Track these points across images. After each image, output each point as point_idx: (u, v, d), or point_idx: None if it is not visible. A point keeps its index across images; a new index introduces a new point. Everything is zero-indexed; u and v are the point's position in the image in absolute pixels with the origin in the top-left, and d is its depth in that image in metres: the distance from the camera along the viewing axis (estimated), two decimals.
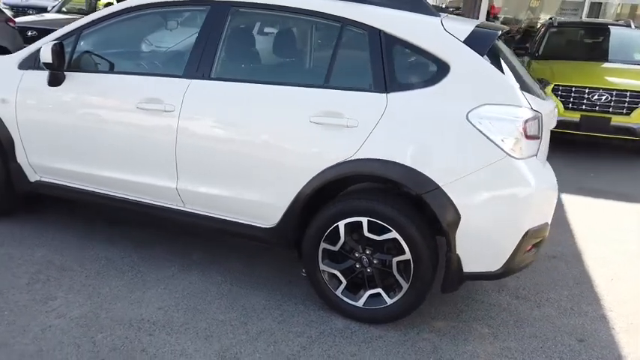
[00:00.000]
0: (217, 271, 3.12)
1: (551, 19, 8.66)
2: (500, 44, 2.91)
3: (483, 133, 2.37)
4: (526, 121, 2.38)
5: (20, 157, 3.25)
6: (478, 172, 2.38)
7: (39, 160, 3.21)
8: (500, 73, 2.45)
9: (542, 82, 3.26)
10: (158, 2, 2.91)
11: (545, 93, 3.05)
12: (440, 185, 2.40)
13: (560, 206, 4.74)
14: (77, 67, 3.06)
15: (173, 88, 2.80)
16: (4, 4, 13.07)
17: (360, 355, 2.47)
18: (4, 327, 2.47)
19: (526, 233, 2.45)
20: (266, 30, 2.93)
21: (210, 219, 2.92)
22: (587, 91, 6.26)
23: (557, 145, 6.83)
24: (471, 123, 2.38)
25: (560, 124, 6.28)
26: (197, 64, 2.79)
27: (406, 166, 2.43)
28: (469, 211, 2.41)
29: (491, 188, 2.40)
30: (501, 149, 2.36)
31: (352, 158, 2.51)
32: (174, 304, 2.76)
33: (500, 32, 2.61)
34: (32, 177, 3.29)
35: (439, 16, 2.59)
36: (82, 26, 3.06)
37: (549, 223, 2.64)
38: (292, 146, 2.63)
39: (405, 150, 2.45)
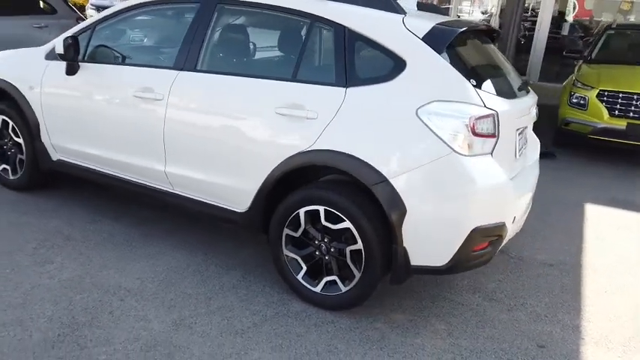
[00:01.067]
0: (203, 251, 3.35)
1: (613, 21, 8.17)
2: (476, 41, 2.91)
3: (431, 129, 2.40)
4: (474, 119, 2.38)
5: (44, 138, 3.66)
6: (424, 166, 2.42)
7: (58, 141, 3.60)
8: (455, 70, 2.46)
9: (525, 81, 3.18)
10: (157, 1, 3.20)
11: (525, 91, 3.01)
12: (387, 178, 2.47)
13: (581, 215, 4.55)
14: (90, 58, 3.41)
15: (163, 79, 3.06)
16: (91, 4, 14.26)
17: (307, 337, 2.59)
18: (2, 282, 2.83)
19: (473, 230, 2.45)
20: (244, 26, 3.11)
21: (193, 201, 3.15)
22: (635, 97, 5.89)
23: (603, 153, 6.52)
24: (420, 119, 2.42)
25: (605, 131, 6.05)
26: (185, 57, 3.03)
27: (357, 158, 2.52)
28: (415, 205, 2.45)
29: (437, 183, 2.43)
30: (448, 145, 2.39)
31: (310, 149, 2.63)
32: (152, 277, 3.01)
33: (461, 30, 2.60)
34: (54, 156, 3.69)
35: (403, 13, 2.64)
36: (96, 22, 3.42)
37: (507, 223, 2.60)
38: (259, 135, 2.79)
39: (357, 142, 2.54)
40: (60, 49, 3.23)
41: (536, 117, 3.01)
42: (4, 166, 3.98)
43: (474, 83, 2.48)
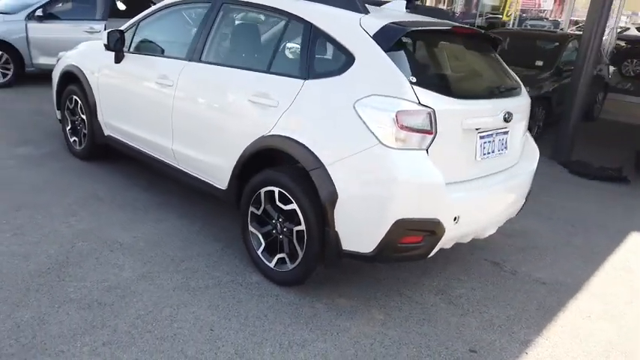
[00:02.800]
0: (202, 223, 3.75)
1: None
2: (450, 42, 2.95)
3: (363, 121, 2.53)
4: (401, 113, 2.46)
5: (99, 116, 4.34)
6: (355, 156, 2.55)
7: (107, 119, 4.25)
8: (394, 66, 2.55)
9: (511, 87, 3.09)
10: (183, 1, 3.70)
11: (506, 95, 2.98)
12: (324, 164, 2.63)
13: (617, 243, 4.18)
14: (132, 49, 4.00)
15: (176, 68, 3.51)
16: None
17: (245, 303, 2.84)
18: (32, 225, 3.47)
19: (397, 222, 2.51)
20: (239, 23, 3.45)
21: (191, 177, 3.55)
22: None
23: None
24: (356, 111, 2.55)
25: None
26: (194, 49, 3.46)
27: (301, 144, 2.72)
28: (345, 191, 2.59)
29: (364, 173, 2.54)
30: (376, 137, 2.49)
31: (269, 134, 2.89)
32: (147, 237, 3.46)
33: (412, 29, 2.67)
34: (105, 132, 4.36)
35: (364, 12, 2.79)
36: (140, 18, 4.00)
37: (443, 221, 2.61)
38: (235, 119, 3.11)
39: (304, 130, 2.74)
40: (104, 41, 3.86)
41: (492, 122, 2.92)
42: (74, 138, 4.77)
43: (414, 80, 2.54)
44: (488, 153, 2.91)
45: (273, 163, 3.08)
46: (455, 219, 2.69)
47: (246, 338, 2.56)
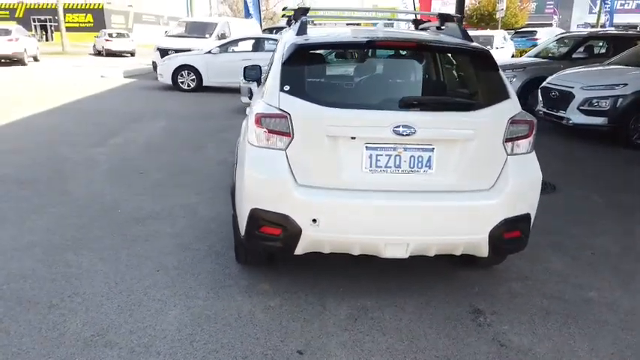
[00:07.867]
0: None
1: None
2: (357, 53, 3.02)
3: (248, 122, 2.98)
4: (259, 115, 2.80)
5: None
6: (242, 151, 3.04)
7: None
8: (278, 76, 2.87)
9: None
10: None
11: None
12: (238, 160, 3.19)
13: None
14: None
15: None
16: None
17: (199, 263, 3.57)
18: (128, 181, 5.08)
19: (253, 210, 2.83)
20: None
21: None
22: None
23: None
24: (251, 115, 3.02)
25: None
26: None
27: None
28: (236, 181, 3.08)
29: (240, 165, 2.98)
30: (249, 135, 2.91)
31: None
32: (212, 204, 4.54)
33: (304, 45, 2.88)
34: None
35: (299, 34, 3.15)
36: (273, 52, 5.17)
37: (296, 219, 2.74)
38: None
39: (242, 134, 3.31)
40: (242, 74, 5.20)
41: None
42: None
43: (287, 89, 2.81)
44: (386, 167, 2.77)
45: None
46: (314, 221, 2.75)
47: (162, 278, 3.36)
